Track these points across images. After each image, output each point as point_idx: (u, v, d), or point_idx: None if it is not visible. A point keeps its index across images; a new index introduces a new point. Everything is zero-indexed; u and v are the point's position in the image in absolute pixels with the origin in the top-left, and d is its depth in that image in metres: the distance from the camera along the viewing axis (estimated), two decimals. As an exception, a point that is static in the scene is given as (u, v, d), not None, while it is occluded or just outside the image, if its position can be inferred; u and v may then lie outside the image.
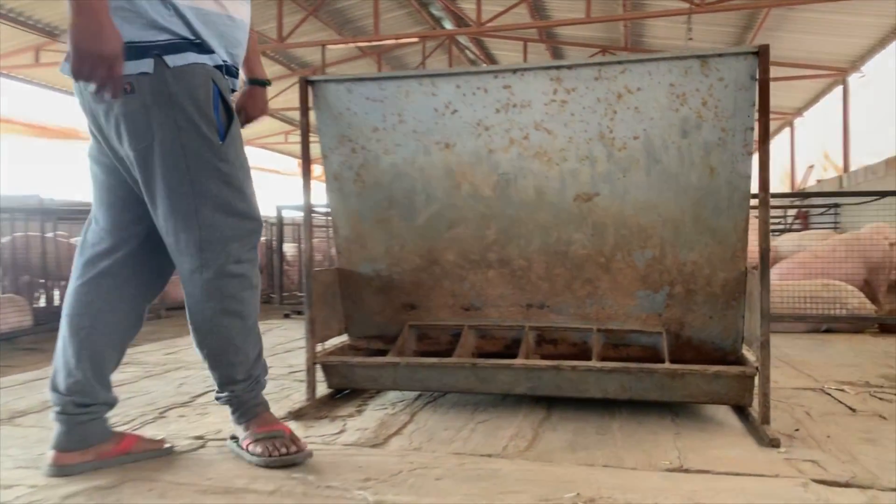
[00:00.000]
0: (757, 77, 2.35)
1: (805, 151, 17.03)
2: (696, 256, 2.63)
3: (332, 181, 2.89)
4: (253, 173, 2.15)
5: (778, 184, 20.44)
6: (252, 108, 2.33)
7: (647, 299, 2.74)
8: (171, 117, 1.90)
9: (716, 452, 2.19)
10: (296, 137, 21.66)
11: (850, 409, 2.72)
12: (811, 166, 15.94)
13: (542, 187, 2.70)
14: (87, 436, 2.01)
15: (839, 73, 13.33)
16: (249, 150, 2.48)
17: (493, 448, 2.25)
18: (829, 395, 2.96)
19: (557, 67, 2.54)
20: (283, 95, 16.75)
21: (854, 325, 4.93)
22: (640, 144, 2.55)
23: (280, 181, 23.95)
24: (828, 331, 4.97)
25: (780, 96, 16.06)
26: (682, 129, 2.50)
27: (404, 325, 3.01)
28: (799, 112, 17.07)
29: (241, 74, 2.21)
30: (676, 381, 2.47)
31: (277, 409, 2.72)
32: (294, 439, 2.09)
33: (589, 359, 2.73)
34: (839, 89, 13.90)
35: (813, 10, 10.42)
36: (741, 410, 2.65)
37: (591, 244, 2.72)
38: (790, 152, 17.77)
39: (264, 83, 2.35)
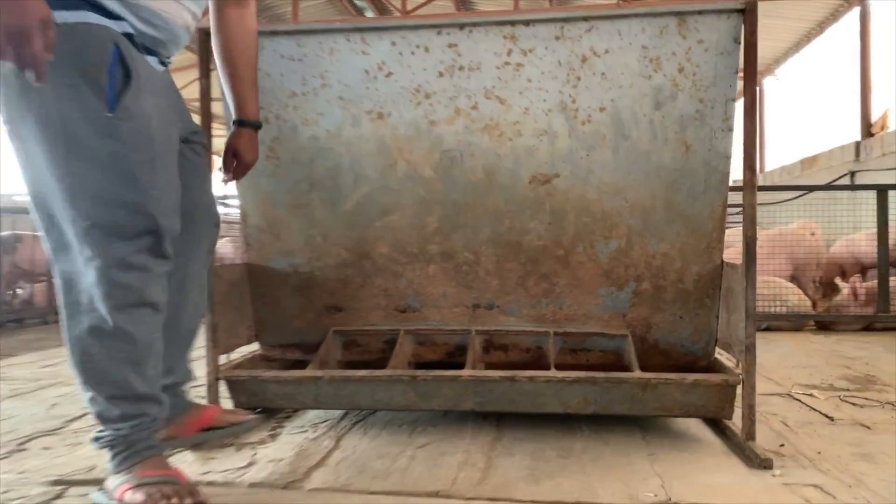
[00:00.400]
0: (741, 40, 2.03)
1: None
2: (667, 248, 2.30)
3: (239, 158, 2.39)
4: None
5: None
6: (246, 153, 2.01)
7: (611, 297, 2.38)
8: (51, 81, 1.45)
9: (703, 478, 1.84)
10: (220, 131, 20.51)
11: (828, 417, 2.45)
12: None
13: (492, 167, 2.30)
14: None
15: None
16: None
17: (440, 482, 1.83)
18: (799, 400, 2.71)
19: (512, 23, 2.14)
20: (194, 86, 15.79)
21: (793, 322, 4.80)
22: (607, 117, 2.19)
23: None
24: (767, 329, 4.82)
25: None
26: (656, 100, 2.15)
27: (328, 330, 2.54)
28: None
29: (232, 112, 2.01)
30: (648, 393, 2.12)
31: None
32: (192, 491, 1.59)
33: (544, 366, 2.35)
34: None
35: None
36: (715, 423, 2.34)
37: (548, 234, 2.34)
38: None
39: (256, 125, 2.02)
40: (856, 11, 9.29)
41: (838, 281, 5.03)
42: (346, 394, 2.25)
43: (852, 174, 8.94)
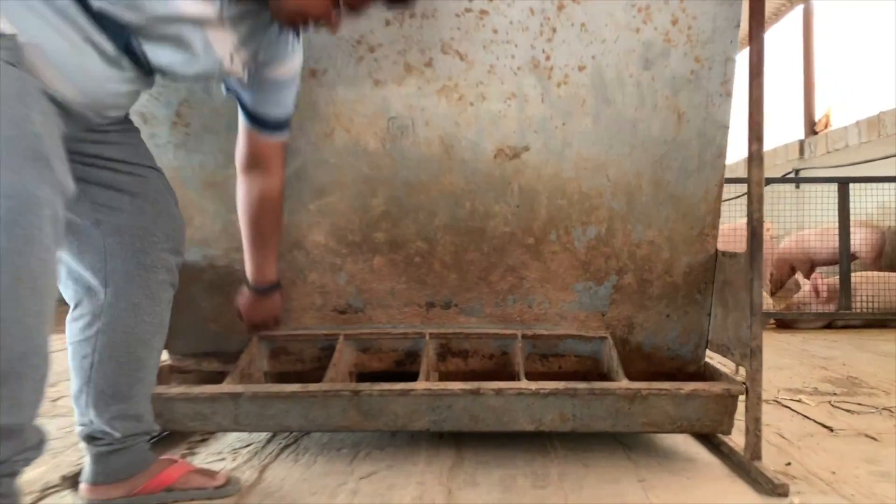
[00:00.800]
0: (746, -15, 1.72)
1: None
2: (654, 235, 1.96)
3: (138, 124, 1.93)
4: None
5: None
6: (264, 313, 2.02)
7: (588, 294, 2.04)
8: None
9: (713, 511, 1.51)
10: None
11: (827, 427, 2.17)
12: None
13: (450, 138, 1.92)
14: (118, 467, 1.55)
15: (696, 77, 13.75)
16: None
17: (390, 528, 1.44)
18: (789, 407, 2.43)
19: (476, -40, 1.77)
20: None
21: (755, 320, 4.59)
22: (588, 78, 1.84)
23: None
24: (728, 328, 4.60)
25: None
26: (645, 58, 1.82)
27: (251, 337, 2.11)
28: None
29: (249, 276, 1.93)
30: (637, 406, 1.78)
31: (47, 470, 1.75)
32: None
33: (510, 376, 2.00)
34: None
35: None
36: (707, 438, 2.02)
37: (516, 219, 1.98)
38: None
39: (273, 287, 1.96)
40: (799, 10, 9.33)
41: (799, 277, 4.87)
42: (273, 413, 1.83)
43: (797, 171, 8.96)
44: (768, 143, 10.55)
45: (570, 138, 1.89)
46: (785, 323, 4.68)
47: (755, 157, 1.70)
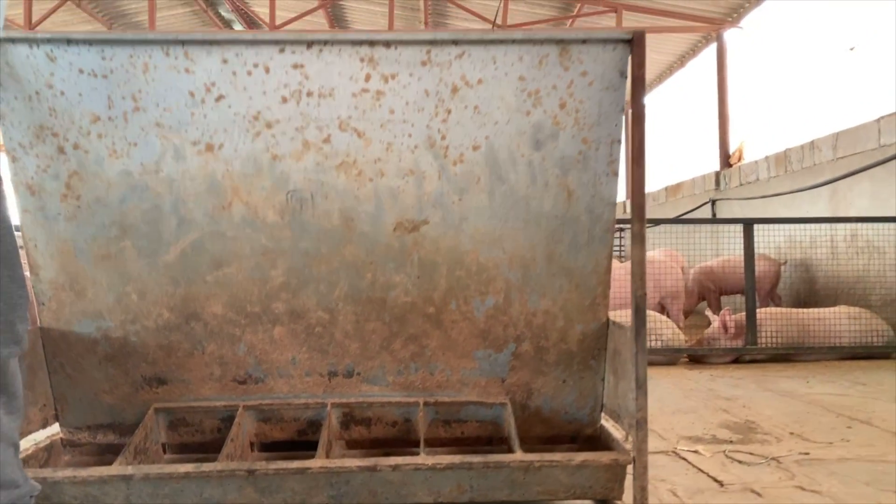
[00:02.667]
0: (628, 73, 1.81)
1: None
2: (549, 304, 2.03)
3: (25, 196, 1.88)
4: None
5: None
6: None
7: (488, 360, 2.08)
8: None
9: (596, 588, 1.56)
10: None
11: (717, 481, 2.27)
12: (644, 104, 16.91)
13: (350, 211, 1.94)
14: None
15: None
16: None
17: None
18: (685, 459, 2.53)
19: (371, 43, 1.80)
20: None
21: (668, 356, 4.77)
22: (482, 157, 1.90)
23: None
24: (644, 363, 4.75)
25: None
26: (535, 139, 1.89)
27: (149, 407, 2.06)
28: (585, 141, 18.15)
29: None
30: (531, 476, 1.83)
31: None
32: None
33: (413, 442, 2.02)
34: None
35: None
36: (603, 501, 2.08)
37: (416, 289, 2.01)
38: (578, 179, 18.84)
39: None
40: (713, 48, 9.82)
41: (709, 314, 5.09)
42: (167, 493, 1.79)
43: (713, 202, 9.37)
44: (686, 174, 11.02)
45: (466, 213, 1.94)
46: (696, 358, 4.87)
47: (637, 236, 1.78)
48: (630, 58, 1.78)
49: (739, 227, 8.01)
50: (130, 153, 1.86)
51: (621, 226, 12.77)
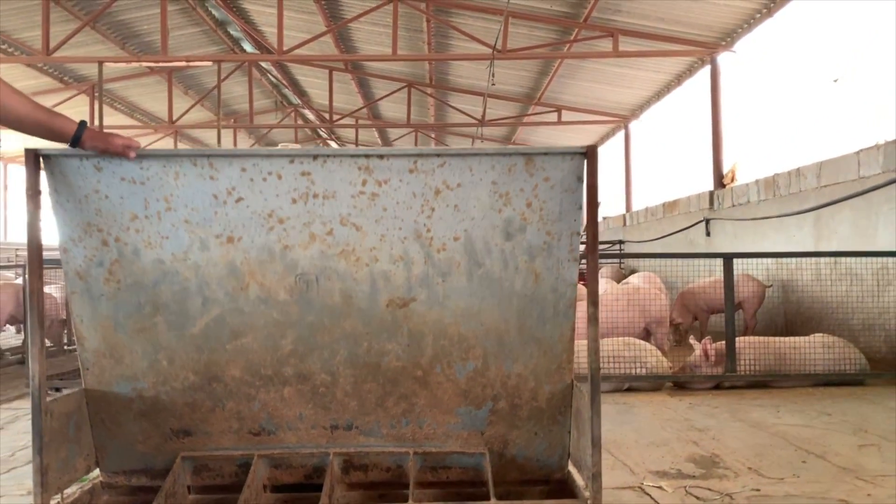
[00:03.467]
0: (584, 179, 2.13)
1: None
2: (521, 368, 2.35)
3: (74, 280, 2.22)
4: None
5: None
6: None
7: (469, 416, 2.41)
8: None
9: None
10: (72, 156, 19.20)
11: (674, 518, 2.59)
12: (599, 202, 17.21)
13: (349, 290, 2.27)
14: None
15: (622, 120, 14.55)
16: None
17: None
18: (649, 495, 2.84)
19: (367, 156, 2.13)
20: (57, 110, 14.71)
21: (652, 383, 5.08)
22: (461, 246, 2.23)
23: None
24: (629, 389, 5.07)
25: (572, 137, 17.27)
26: (506, 231, 2.21)
27: (177, 455, 2.40)
28: (587, 152, 18.44)
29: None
30: (503, 520, 2.15)
31: None
32: None
33: (404, 484, 2.35)
34: (622, 133, 15.17)
35: (600, 62, 11.19)
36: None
37: (406, 355, 2.33)
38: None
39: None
40: (707, 70, 10.10)
41: (692, 341, 5.38)
42: (194, 533, 2.12)
43: (707, 221, 9.67)
44: (683, 190, 11.30)
45: (449, 292, 2.27)
46: (680, 384, 5.18)
47: (592, 318, 2.10)
48: (585, 167, 2.11)
49: (734, 248, 8.32)
50: (163, 245, 2.19)
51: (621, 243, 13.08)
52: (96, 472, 2.45)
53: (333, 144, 22.35)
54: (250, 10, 12.14)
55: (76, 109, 15.21)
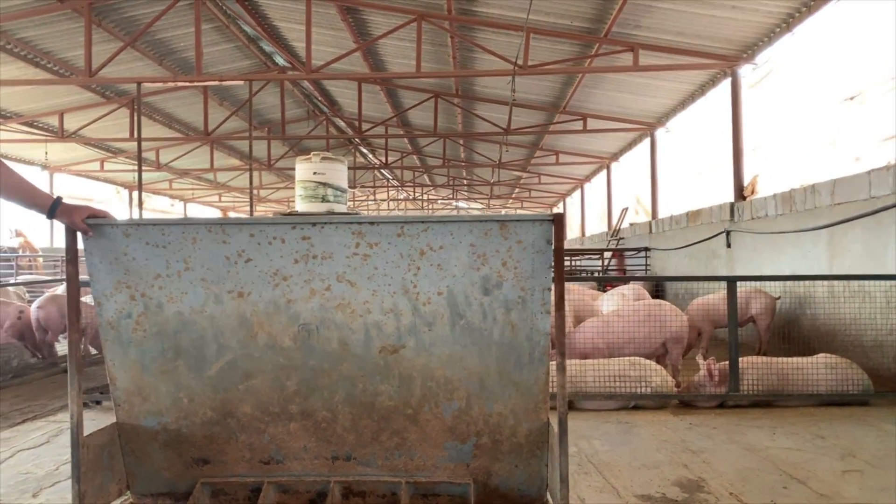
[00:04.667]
0: (553, 243, 2.37)
1: (621, 194, 18.46)
2: (501, 408, 2.60)
3: (107, 329, 2.55)
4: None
5: (597, 221, 22.04)
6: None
7: (455, 450, 2.67)
8: None
9: None
10: (113, 165, 19.99)
11: (647, 543, 2.81)
12: (625, 209, 17.28)
13: (346, 338, 2.55)
14: None
15: (647, 127, 14.59)
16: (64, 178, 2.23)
17: None
18: (630, 519, 3.06)
19: (360, 223, 2.41)
20: (98, 124, 15.42)
21: (657, 402, 5.26)
22: (444, 300, 2.49)
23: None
24: (635, 407, 5.26)
25: (598, 143, 17.34)
26: (484, 287, 2.46)
27: (197, 480, 2.71)
28: (615, 157, 18.50)
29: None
30: (482, 545, 2.40)
31: None
32: None
33: (398, 511, 2.62)
34: (647, 141, 15.21)
35: (623, 73, 11.29)
36: (546, 559, 2.65)
37: (398, 395, 2.61)
38: (607, 194, 19.17)
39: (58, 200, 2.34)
40: (728, 82, 10.15)
41: (699, 360, 5.53)
42: (210, 552, 2.43)
43: (728, 232, 9.73)
44: (705, 200, 11.36)
45: (434, 340, 2.53)
46: (685, 402, 5.35)
47: (560, 368, 2.34)
48: (553, 232, 2.35)
49: (752, 261, 8.41)
50: (182, 299, 2.50)
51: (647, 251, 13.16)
52: (127, 494, 2.78)
53: (364, 151, 22.77)
54: (281, 28, 12.55)
55: (118, 122, 15.92)
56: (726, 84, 10.44)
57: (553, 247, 2.37)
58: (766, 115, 9.71)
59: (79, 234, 2.42)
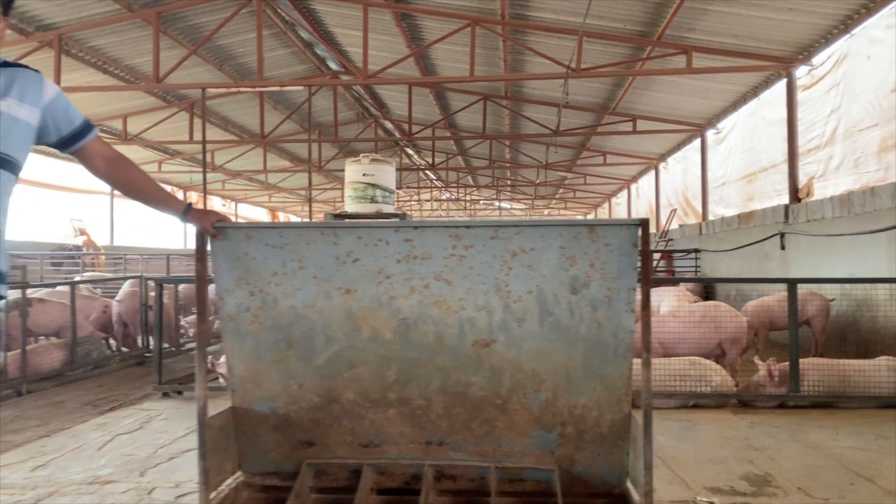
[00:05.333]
0: (639, 245, 2.55)
1: (669, 194, 18.36)
2: (586, 400, 2.79)
3: (227, 321, 2.82)
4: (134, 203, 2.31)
5: (645, 221, 21.89)
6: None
7: (541, 438, 2.86)
8: None
9: None
10: (169, 166, 20.69)
11: (721, 531, 2.96)
12: (674, 210, 17.20)
13: (441, 332, 2.77)
14: None
15: (697, 129, 14.54)
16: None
17: None
18: (702, 509, 3.22)
19: (456, 226, 2.63)
20: (159, 127, 16.03)
21: (717, 401, 5.37)
22: (534, 298, 2.69)
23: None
24: (695, 406, 5.37)
25: (647, 143, 17.29)
26: (572, 287, 2.66)
27: (302, 461, 2.96)
28: (663, 158, 18.42)
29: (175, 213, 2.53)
30: (569, 527, 2.60)
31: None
32: None
33: (487, 493, 2.82)
34: (698, 141, 15.13)
35: (676, 75, 11.31)
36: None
37: (488, 386, 2.81)
38: (655, 194, 19.08)
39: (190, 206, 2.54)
40: (783, 83, 10.10)
41: (757, 361, 5.61)
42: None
43: (782, 235, 9.70)
44: (759, 202, 11.31)
45: (524, 335, 2.73)
46: (745, 401, 5.44)
47: (645, 363, 2.52)
48: (639, 235, 2.53)
49: (808, 263, 8.40)
50: (296, 294, 2.76)
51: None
52: (238, 473, 3.05)
53: (410, 152, 23.09)
54: (336, 34, 12.90)
55: (177, 125, 16.50)
56: (780, 85, 10.39)
57: (639, 249, 2.54)
58: (821, 116, 9.62)
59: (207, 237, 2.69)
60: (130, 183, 2.44)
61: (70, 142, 2.29)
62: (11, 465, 4.07)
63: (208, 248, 2.69)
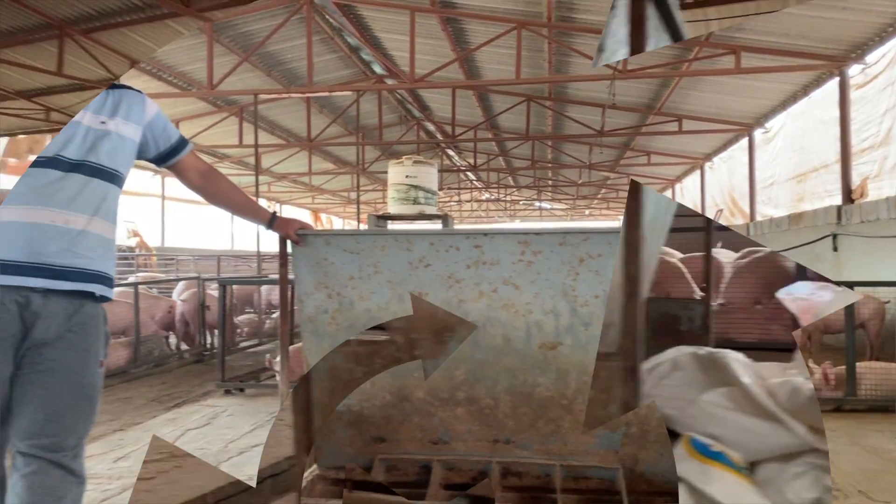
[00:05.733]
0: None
1: (714, 194, 18.13)
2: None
3: (306, 323, 2.98)
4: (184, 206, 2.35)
5: (689, 222, 21.65)
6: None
7: (606, 438, 2.96)
8: None
9: None
10: (223, 169, 21.18)
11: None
12: (720, 210, 16.99)
13: (509, 335, 2.88)
14: None
15: (745, 128, 14.35)
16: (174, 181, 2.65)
17: None
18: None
19: (526, 233, 2.74)
20: (210, 131, 16.48)
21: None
22: (601, 302, 2.78)
23: (206, 214, 23.36)
24: (748, 409, 5.37)
25: (692, 143, 17.12)
26: (638, 292, 2.75)
27: (374, 456, 3.11)
28: (708, 157, 18.20)
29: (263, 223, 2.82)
30: (635, 524, 2.69)
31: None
32: None
33: (552, 490, 2.93)
34: (745, 141, 14.94)
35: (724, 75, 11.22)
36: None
37: (554, 387, 2.92)
38: (700, 194, 18.86)
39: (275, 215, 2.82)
40: (835, 81, 9.94)
41: (811, 364, 5.58)
42: (393, 518, 2.82)
43: (834, 236, 9.54)
44: (809, 203, 11.14)
45: (590, 339, 2.83)
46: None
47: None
48: (705, 242, 2.60)
49: (863, 265, 8.29)
50: (371, 298, 2.91)
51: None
52: (314, 467, 3.22)
53: (451, 153, 23.23)
54: (382, 38, 13.12)
55: (227, 129, 16.94)
56: (832, 84, 10.22)
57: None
58: (876, 115, 9.44)
59: (289, 242, 2.86)
60: (221, 194, 2.63)
61: (167, 157, 2.48)
62: (94, 456, 4.32)
63: (289, 251, 2.86)
